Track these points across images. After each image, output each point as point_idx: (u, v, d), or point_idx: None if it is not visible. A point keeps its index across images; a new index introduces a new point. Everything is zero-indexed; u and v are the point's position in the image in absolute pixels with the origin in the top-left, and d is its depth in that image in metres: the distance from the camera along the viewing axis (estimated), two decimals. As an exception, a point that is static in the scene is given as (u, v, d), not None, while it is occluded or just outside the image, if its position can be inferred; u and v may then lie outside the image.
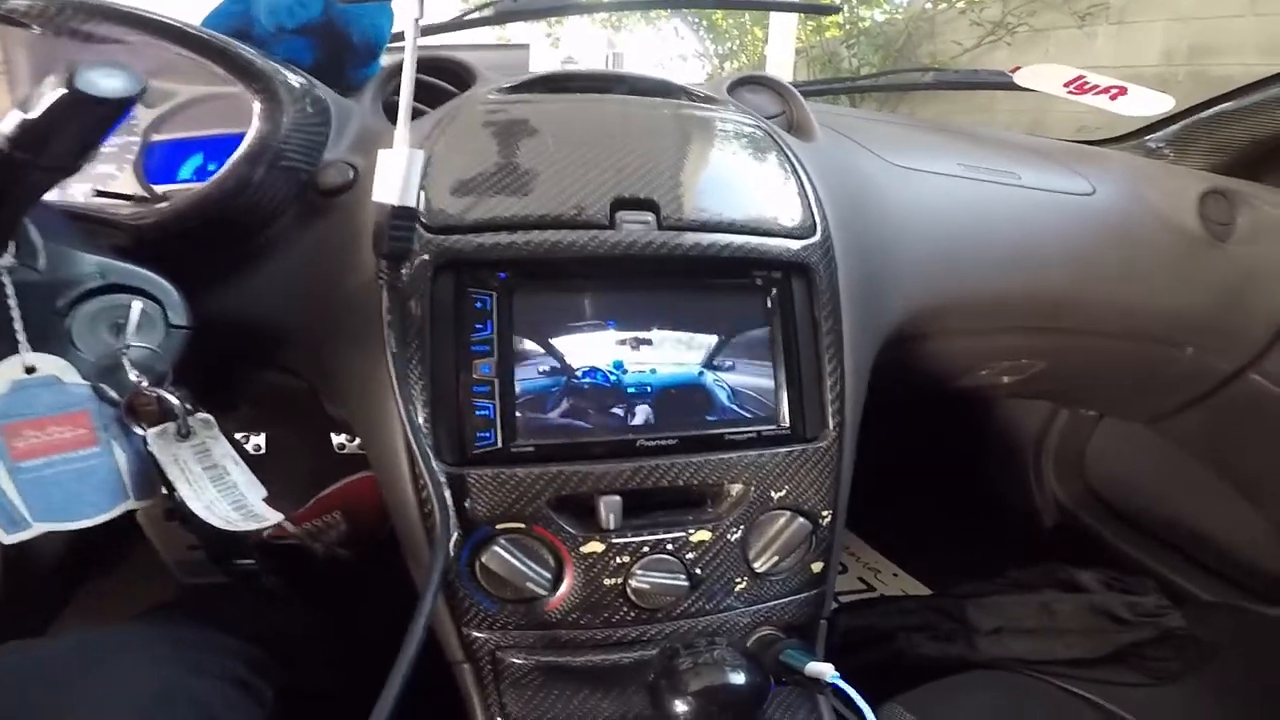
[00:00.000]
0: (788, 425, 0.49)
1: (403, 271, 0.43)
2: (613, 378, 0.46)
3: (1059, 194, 0.69)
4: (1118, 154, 0.84)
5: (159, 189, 0.54)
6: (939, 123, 0.83)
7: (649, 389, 0.46)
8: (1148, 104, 0.80)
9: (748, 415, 0.48)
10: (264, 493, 0.46)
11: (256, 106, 0.44)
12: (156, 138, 0.55)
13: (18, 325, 0.36)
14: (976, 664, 0.74)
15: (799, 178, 0.52)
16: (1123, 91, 0.79)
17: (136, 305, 0.41)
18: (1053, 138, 0.90)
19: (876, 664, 0.77)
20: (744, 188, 0.51)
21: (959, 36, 3.16)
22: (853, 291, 0.51)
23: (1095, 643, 0.72)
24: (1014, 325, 0.69)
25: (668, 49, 4.90)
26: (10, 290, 0.35)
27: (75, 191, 0.54)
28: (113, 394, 0.42)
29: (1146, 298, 0.72)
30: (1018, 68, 0.81)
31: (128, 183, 0.54)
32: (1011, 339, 0.72)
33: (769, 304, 0.49)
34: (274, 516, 0.45)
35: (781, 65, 3.50)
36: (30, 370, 0.38)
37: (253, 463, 0.47)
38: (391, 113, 0.50)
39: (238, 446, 0.46)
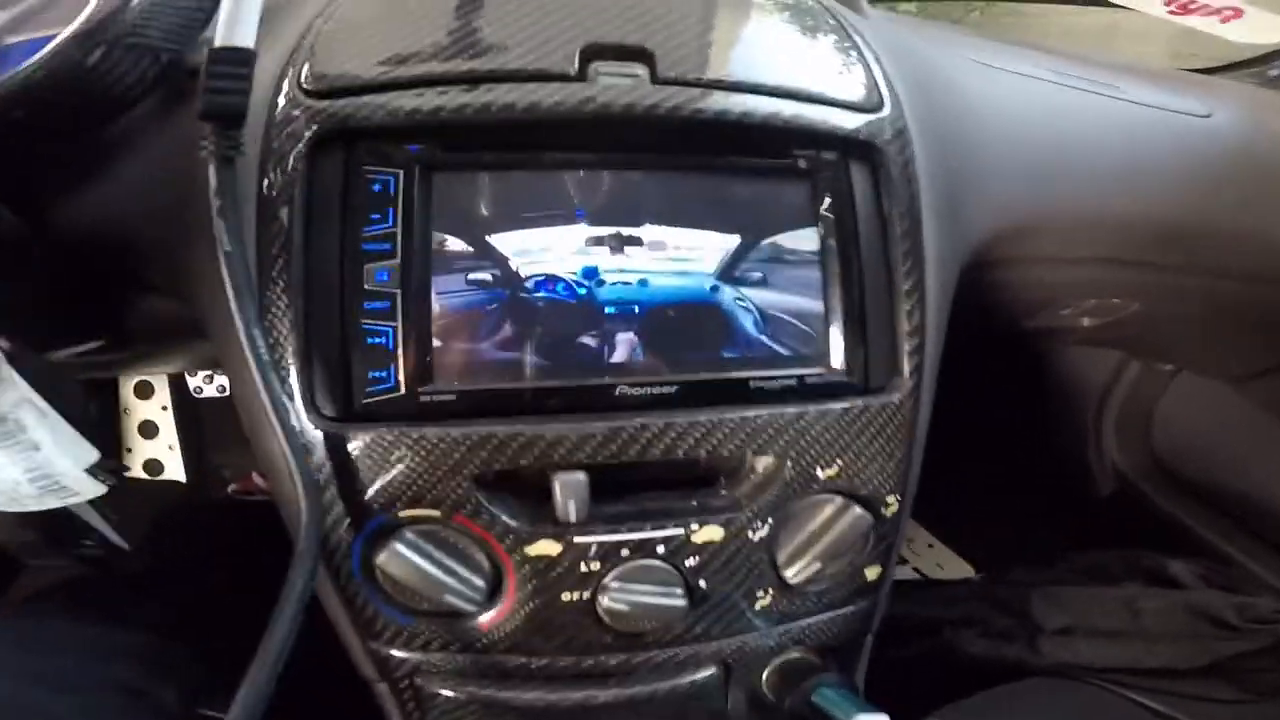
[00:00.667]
0: (843, 368, 0.34)
1: (273, 145, 0.30)
2: (581, 291, 0.31)
3: (1170, 112, 0.56)
4: (1230, 81, 0.69)
5: None
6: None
7: (636, 309, 0.31)
8: (1267, 29, 0.66)
9: (784, 353, 0.33)
10: (93, 455, 0.34)
11: None
12: (11, 40, 0.40)
13: None
14: (1037, 669, 0.61)
15: (858, 45, 0.37)
16: (1237, 14, 0.66)
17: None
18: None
19: (914, 660, 0.65)
20: (781, 46, 0.35)
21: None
22: (932, 191, 0.36)
23: (1189, 651, 0.59)
24: (1112, 256, 0.56)
25: None
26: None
27: None
28: None
29: (1271, 233, 0.59)
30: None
31: None
32: (1107, 272, 0.58)
33: (818, 195, 0.33)
34: (92, 490, 0.33)
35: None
36: None
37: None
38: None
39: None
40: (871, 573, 0.36)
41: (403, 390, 0.29)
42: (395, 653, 0.33)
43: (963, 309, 0.46)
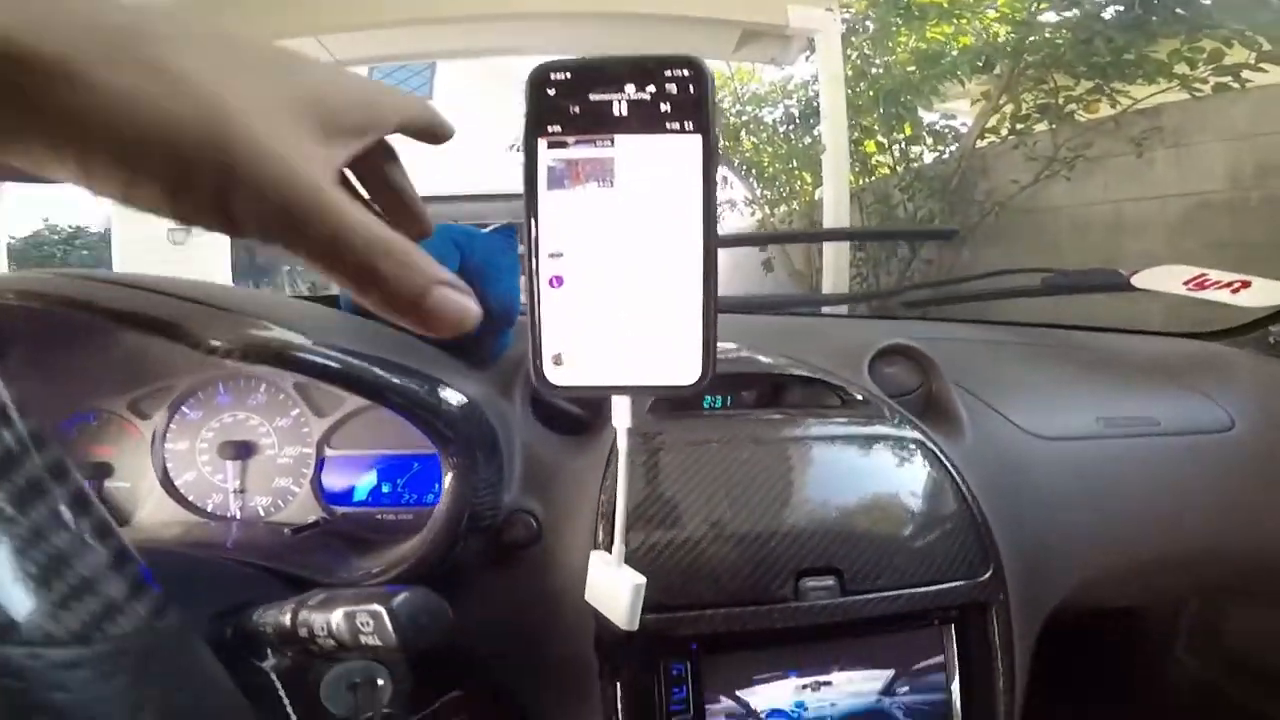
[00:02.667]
0: None
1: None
2: (794, 714, 0.46)
3: (1198, 435, 0.68)
4: (1251, 362, 0.80)
5: (338, 510, 0.57)
6: (1065, 341, 0.82)
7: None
8: (1271, 295, 0.78)
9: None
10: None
11: (449, 478, 0.45)
12: (330, 453, 0.57)
13: (288, 707, 0.37)
14: None
15: (965, 501, 0.52)
16: (1245, 285, 0.78)
17: (380, 681, 0.41)
18: (1179, 333, 0.88)
19: None
20: (919, 535, 0.51)
21: (1014, 173, 3.16)
22: (1019, 594, 0.52)
23: None
24: (1160, 581, 0.68)
25: (718, 195, 5.00)
26: (278, 682, 0.37)
27: (257, 503, 0.57)
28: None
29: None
30: (1135, 271, 0.79)
31: (306, 501, 0.56)
32: (1156, 583, 0.69)
33: (946, 636, 0.50)
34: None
35: (838, 209, 3.61)
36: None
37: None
38: (538, 409, 0.51)
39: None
40: None
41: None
42: None
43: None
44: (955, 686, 0.49)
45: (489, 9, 3.89)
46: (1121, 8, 2.95)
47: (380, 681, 0.41)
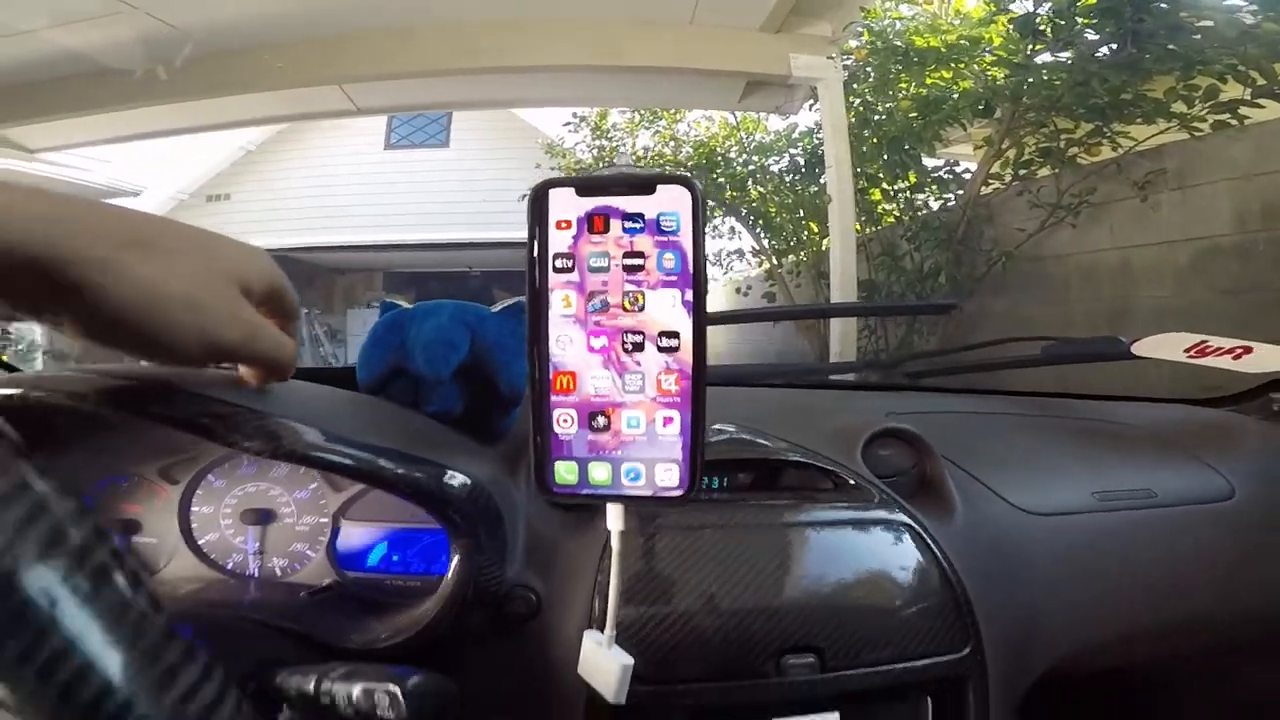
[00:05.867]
0: None
1: None
2: None
3: (1196, 505, 0.68)
4: (1253, 427, 0.81)
5: (350, 575, 0.60)
6: (1064, 411, 0.83)
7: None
8: (1272, 361, 0.78)
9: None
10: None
11: (456, 559, 0.48)
12: (345, 523, 0.61)
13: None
14: None
15: (950, 583, 0.54)
16: (1247, 351, 0.78)
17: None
18: (1181, 399, 0.88)
19: None
20: (900, 615, 0.53)
21: (1020, 220, 3.18)
22: (1004, 665, 0.54)
23: None
24: (1158, 647, 0.68)
25: (725, 245, 5.08)
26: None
27: (274, 564, 0.61)
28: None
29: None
30: (1136, 339, 0.80)
31: (321, 565, 0.60)
32: (1153, 649, 0.69)
33: (923, 708, 0.52)
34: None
35: (844, 258, 3.64)
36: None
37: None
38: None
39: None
40: None
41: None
42: None
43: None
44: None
45: (502, 62, 3.99)
46: (1115, 46, 2.95)
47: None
